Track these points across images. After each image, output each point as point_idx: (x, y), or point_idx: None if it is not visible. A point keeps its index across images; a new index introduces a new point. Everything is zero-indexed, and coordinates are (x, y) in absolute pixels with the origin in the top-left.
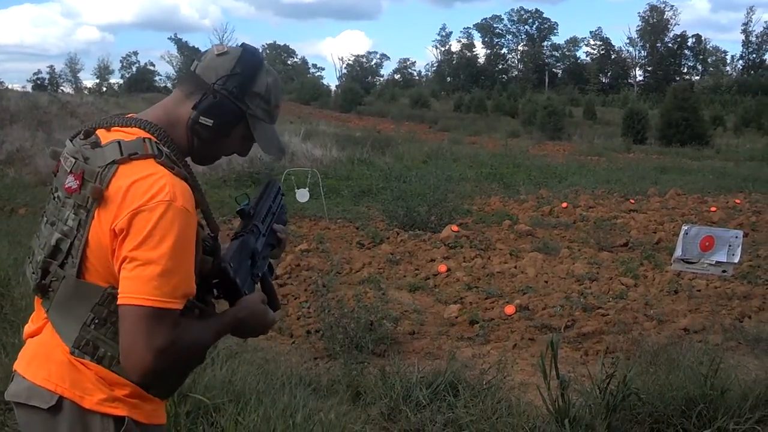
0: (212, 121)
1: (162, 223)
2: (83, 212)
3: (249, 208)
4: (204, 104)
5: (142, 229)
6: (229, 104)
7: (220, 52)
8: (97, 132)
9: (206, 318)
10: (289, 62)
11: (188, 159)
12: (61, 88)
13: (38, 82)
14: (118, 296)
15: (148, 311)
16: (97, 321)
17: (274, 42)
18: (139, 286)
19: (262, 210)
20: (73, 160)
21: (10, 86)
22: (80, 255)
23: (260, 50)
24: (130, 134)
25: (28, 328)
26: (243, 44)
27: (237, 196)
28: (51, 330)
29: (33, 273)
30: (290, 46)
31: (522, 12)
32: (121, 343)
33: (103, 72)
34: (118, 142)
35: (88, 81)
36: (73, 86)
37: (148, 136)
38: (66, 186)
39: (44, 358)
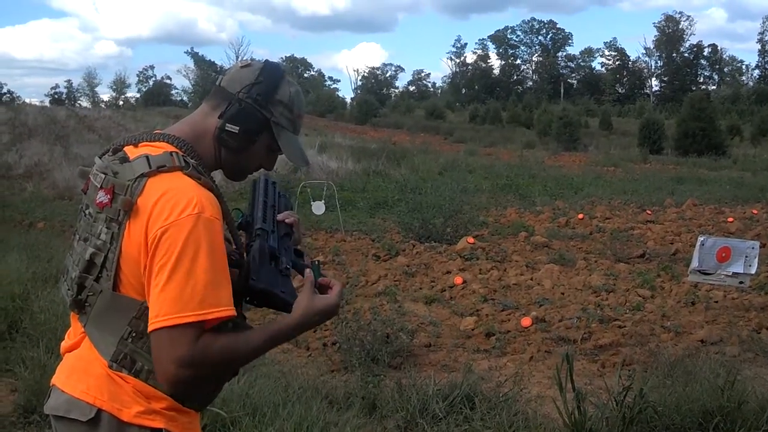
0: (238, 128)
1: (192, 236)
2: (115, 225)
3: (245, 218)
4: (230, 112)
5: (173, 246)
6: (254, 111)
7: (244, 64)
8: (125, 149)
9: (242, 330)
10: (306, 75)
11: (220, 174)
12: (79, 102)
13: (56, 96)
14: (149, 322)
15: (169, 328)
16: (134, 334)
17: (293, 55)
18: (162, 307)
19: (258, 210)
20: (103, 176)
21: (28, 101)
22: (115, 268)
23: (282, 63)
24: (157, 148)
25: (64, 344)
26: (265, 59)
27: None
28: (88, 344)
29: (68, 289)
30: (307, 59)
31: (534, 23)
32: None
33: (119, 86)
34: (146, 157)
35: (105, 95)
36: (91, 100)
37: (175, 149)
38: (97, 201)
39: (83, 372)
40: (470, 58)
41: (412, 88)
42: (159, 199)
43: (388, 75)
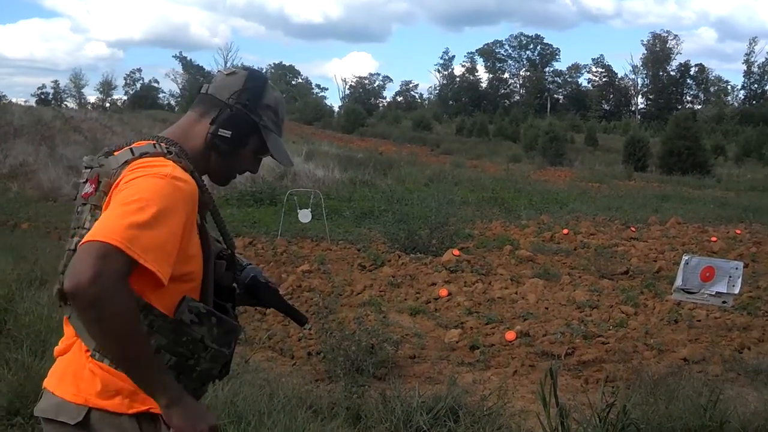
0: (230, 132)
1: (155, 187)
2: (98, 212)
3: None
4: (222, 117)
5: (134, 186)
6: (244, 116)
7: (229, 72)
8: (115, 152)
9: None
10: (293, 82)
11: (206, 179)
12: (65, 103)
13: (42, 96)
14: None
15: (108, 245)
16: None
17: (281, 62)
18: (108, 225)
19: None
20: (89, 170)
21: (14, 100)
22: None
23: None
24: (144, 143)
25: (57, 348)
26: (247, 67)
27: None
28: (78, 347)
29: (58, 283)
30: (295, 67)
31: (522, 38)
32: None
33: (106, 88)
34: (131, 148)
35: (92, 96)
36: (77, 102)
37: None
38: (83, 193)
39: (73, 376)
40: (458, 70)
41: (399, 99)
42: (133, 167)
43: (376, 85)
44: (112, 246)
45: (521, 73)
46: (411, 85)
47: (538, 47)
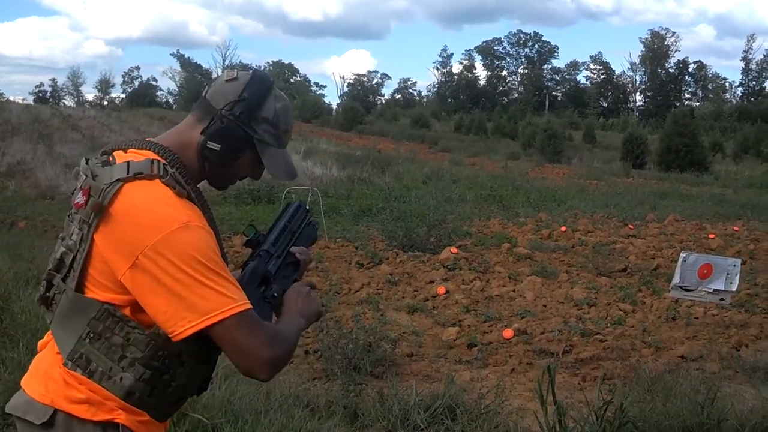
0: (219, 146)
1: (189, 243)
2: (86, 227)
3: (256, 237)
4: (211, 129)
5: (175, 259)
6: (237, 129)
7: (230, 78)
8: (114, 153)
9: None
10: (291, 80)
11: (205, 183)
12: (63, 101)
13: (40, 94)
14: (190, 324)
15: (235, 318)
16: (92, 335)
17: (280, 60)
18: (210, 305)
19: (273, 233)
20: (84, 177)
21: (12, 98)
22: (80, 269)
23: (270, 75)
24: (141, 156)
25: (42, 341)
26: (253, 70)
27: (245, 229)
28: (52, 346)
29: (41, 286)
30: (294, 65)
31: (521, 35)
32: (233, 359)
33: (104, 86)
34: (128, 163)
35: (90, 94)
36: (75, 100)
37: (159, 158)
38: (74, 201)
39: (43, 374)
40: (456, 68)
41: (398, 97)
42: (140, 210)
43: (374, 82)
44: (237, 314)
45: (520, 70)
46: (409, 83)
47: (537, 45)
